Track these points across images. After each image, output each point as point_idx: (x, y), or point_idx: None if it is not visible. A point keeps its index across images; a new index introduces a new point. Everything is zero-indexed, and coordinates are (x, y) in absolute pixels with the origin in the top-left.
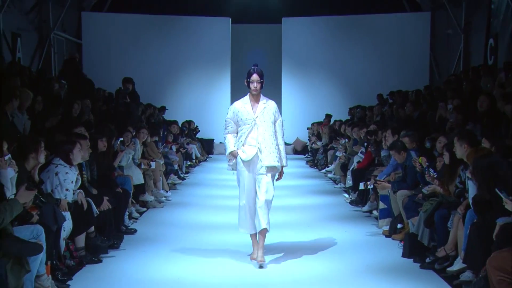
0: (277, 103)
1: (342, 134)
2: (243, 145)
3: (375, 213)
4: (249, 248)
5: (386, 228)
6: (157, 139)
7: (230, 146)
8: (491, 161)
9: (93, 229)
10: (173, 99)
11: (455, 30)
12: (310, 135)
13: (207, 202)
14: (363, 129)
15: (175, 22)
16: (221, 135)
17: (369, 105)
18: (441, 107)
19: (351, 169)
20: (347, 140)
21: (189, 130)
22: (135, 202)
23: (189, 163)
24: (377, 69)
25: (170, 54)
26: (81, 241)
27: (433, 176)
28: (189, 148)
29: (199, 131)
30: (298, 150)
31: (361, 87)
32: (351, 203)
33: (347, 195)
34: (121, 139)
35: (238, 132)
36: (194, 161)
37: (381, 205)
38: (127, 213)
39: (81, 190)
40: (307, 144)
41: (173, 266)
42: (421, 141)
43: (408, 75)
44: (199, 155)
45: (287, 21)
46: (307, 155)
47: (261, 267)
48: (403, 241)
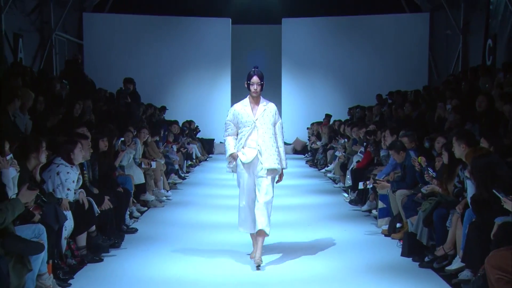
0: (277, 103)
1: (341, 134)
2: (243, 147)
3: (374, 212)
4: (249, 247)
5: (385, 227)
6: (158, 139)
7: (230, 148)
8: (490, 161)
9: (94, 228)
10: (173, 99)
11: (453, 30)
12: (309, 135)
13: (207, 201)
14: (362, 129)
15: (176, 22)
16: (222, 135)
17: (369, 105)
18: (440, 107)
19: (350, 168)
20: (346, 140)
21: (190, 130)
22: (136, 201)
23: (190, 162)
24: (376, 70)
25: (170, 54)
26: (82, 240)
27: (432, 175)
28: (190, 148)
29: (199, 131)
30: (297, 149)
31: (360, 87)
32: (351, 202)
33: (346, 195)
34: (122, 139)
35: (238, 134)
36: (194, 160)
37: (380, 205)
38: (128, 213)
39: (82, 189)
40: (307, 144)
41: (174, 265)
42: (420, 141)
43: (407, 75)
44: (199, 155)
45: (287, 21)
46: (306, 154)
47: (258, 268)
48: (402, 240)
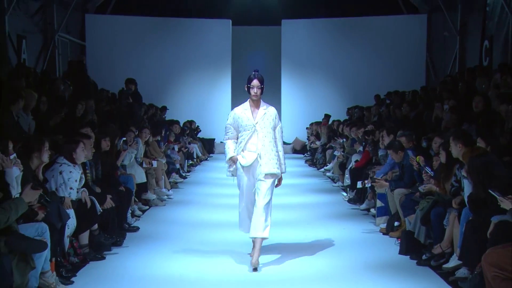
0: (276, 104)
1: (340, 134)
2: (243, 150)
3: (372, 211)
4: (250, 245)
5: (383, 225)
6: (159, 139)
7: (229, 151)
8: (486, 161)
9: (96, 226)
10: (175, 99)
11: (451, 32)
12: (309, 134)
13: (208, 200)
14: (360, 129)
15: (177, 24)
16: (222, 135)
17: (367, 106)
18: (438, 108)
19: (349, 168)
20: (345, 139)
21: (191, 130)
22: (137, 200)
23: (191, 162)
24: (374, 70)
25: (172, 55)
26: (84, 238)
27: (430, 174)
28: (191, 147)
29: (200, 131)
30: (297, 149)
31: (359, 87)
32: (349, 201)
33: (345, 194)
34: (124, 138)
35: (238, 138)
36: (195, 160)
37: (379, 203)
38: (130, 211)
39: (84, 188)
40: (306, 143)
41: (175, 263)
42: (417, 141)
43: (405, 76)
44: (200, 154)
45: (287, 23)
46: (306, 154)
47: (255, 270)
48: (400, 239)
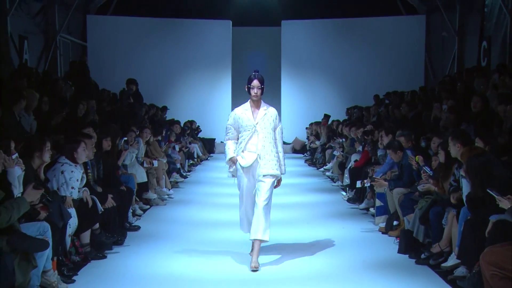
0: (276, 104)
1: (340, 133)
2: (243, 151)
3: (371, 210)
4: (250, 245)
5: (382, 225)
6: (160, 139)
7: (229, 152)
8: (485, 160)
9: (98, 226)
10: (175, 99)
11: (449, 32)
12: (308, 134)
13: (208, 199)
14: (360, 129)
15: (178, 24)
16: (222, 135)
17: (366, 106)
18: (436, 108)
19: (348, 167)
20: (344, 139)
21: (191, 129)
22: (138, 199)
23: (191, 162)
24: (374, 71)
25: (172, 55)
26: (86, 237)
27: (429, 174)
28: (191, 147)
29: (200, 131)
30: (297, 149)
31: (358, 88)
32: (349, 200)
33: (344, 193)
34: (125, 138)
35: (238, 138)
36: (196, 160)
37: (378, 203)
38: (131, 211)
39: (86, 188)
40: (306, 143)
41: (176, 262)
42: (416, 141)
43: (404, 76)
44: (200, 154)
45: (286, 24)
46: (305, 154)
47: (254, 271)
48: (399, 238)
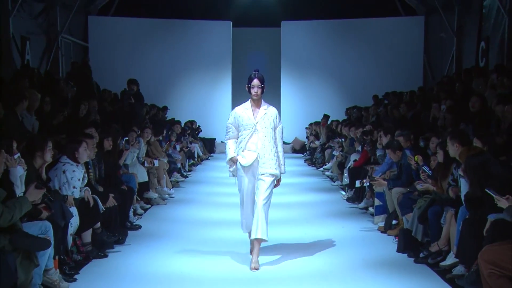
0: (276, 104)
1: (339, 133)
2: (243, 150)
3: (371, 209)
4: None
5: (381, 224)
6: (161, 138)
7: (230, 152)
8: (483, 160)
9: (99, 225)
10: (176, 100)
11: (448, 33)
12: (308, 134)
13: (209, 199)
14: (359, 129)
15: (178, 25)
16: (222, 135)
17: (365, 106)
18: (435, 108)
19: (347, 167)
20: (343, 139)
21: (192, 129)
22: (139, 199)
23: (192, 161)
24: (373, 71)
25: (173, 56)
26: (87, 236)
27: (428, 173)
28: (192, 147)
29: (201, 131)
30: (296, 149)
31: (357, 88)
32: (348, 200)
33: (343, 193)
34: (126, 138)
35: (238, 137)
36: (196, 159)
37: (377, 202)
38: (132, 210)
39: (87, 187)
40: (305, 143)
41: (176, 260)
42: (415, 140)
43: (402, 76)
44: (201, 154)
45: (286, 24)
46: (305, 153)
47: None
48: (397, 237)
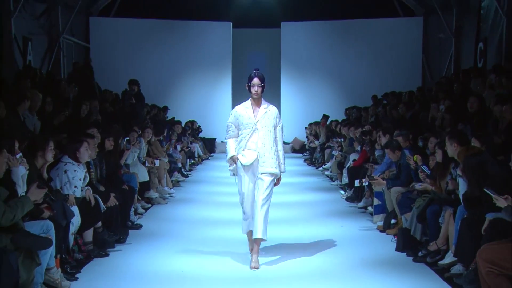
0: (276, 104)
1: (338, 133)
2: (244, 149)
3: (370, 209)
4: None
5: (380, 223)
6: (162, 138)
7: (230, 151)
8: (481, 160)
9: (100, 224)
10: (176, 100)
11: (446, 34)
12: (308, 134)
13: (209, 198)
14: (358, 129)
15: (179, 26)
16: (223, 134)
17: (364, 106)
18: (433, 108)
19: (347, 167)
20: (342, 139)
21: (192, 129)
22: (140, 198)
23: (192, 161)
24: (372, 71)
25: (174, 56)
26: (89, 235)
27: (427, 173)
28: (192, 147)
29: (201, 131)
30: (296, 148)
31: (356, 88)
32: (347, 199)
33: (343, 192)
34: (127, 138)
35: (239, 136)
36: (197, 159)
37: (376, 201)
38: (133, 209)
39: (89, 187)
40: (305, 143)
41: (177, 260)
42: (414, 140)
43: (401, 77)
44: (201, 154)
45: (286, 25)
46: (304, 153)
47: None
48: (396, 236)
